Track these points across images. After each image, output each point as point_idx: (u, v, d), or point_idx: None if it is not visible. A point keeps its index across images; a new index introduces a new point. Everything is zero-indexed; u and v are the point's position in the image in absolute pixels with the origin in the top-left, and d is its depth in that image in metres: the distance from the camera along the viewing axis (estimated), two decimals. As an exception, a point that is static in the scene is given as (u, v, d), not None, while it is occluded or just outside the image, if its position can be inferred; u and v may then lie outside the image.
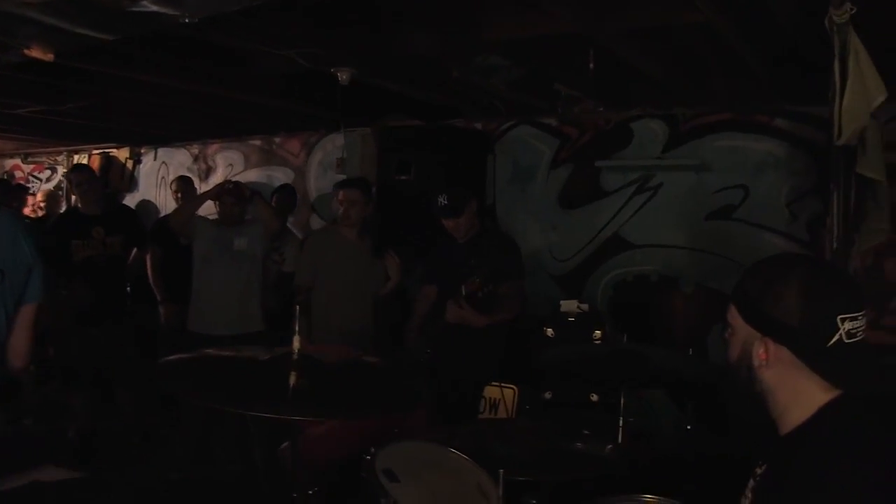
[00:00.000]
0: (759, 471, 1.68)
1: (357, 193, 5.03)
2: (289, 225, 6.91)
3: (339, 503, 2.82)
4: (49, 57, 3.13)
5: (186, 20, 2.69)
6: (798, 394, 1.57)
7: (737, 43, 3.83)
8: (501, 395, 5.15)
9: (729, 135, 5.21)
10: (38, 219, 7.47)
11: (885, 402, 1.61)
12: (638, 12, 3.55)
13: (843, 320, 1.48)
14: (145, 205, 8.06)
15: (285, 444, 2.94)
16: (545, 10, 3.51)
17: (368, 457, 2.61)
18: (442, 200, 4.35)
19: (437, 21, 4.06)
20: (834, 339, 1.48)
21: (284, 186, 6.70)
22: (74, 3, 2.57)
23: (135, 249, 5.87)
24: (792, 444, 1.57)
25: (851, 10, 2.66)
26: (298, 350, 2.27)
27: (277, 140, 7.40)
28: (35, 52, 3.04)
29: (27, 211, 7.40)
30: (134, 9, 2.55)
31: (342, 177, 6.62)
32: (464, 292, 4.07)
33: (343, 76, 4.54)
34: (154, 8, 2.51)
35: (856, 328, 1.49)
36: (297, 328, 2.29)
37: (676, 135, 5.40)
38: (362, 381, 2.45)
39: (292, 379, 2.22)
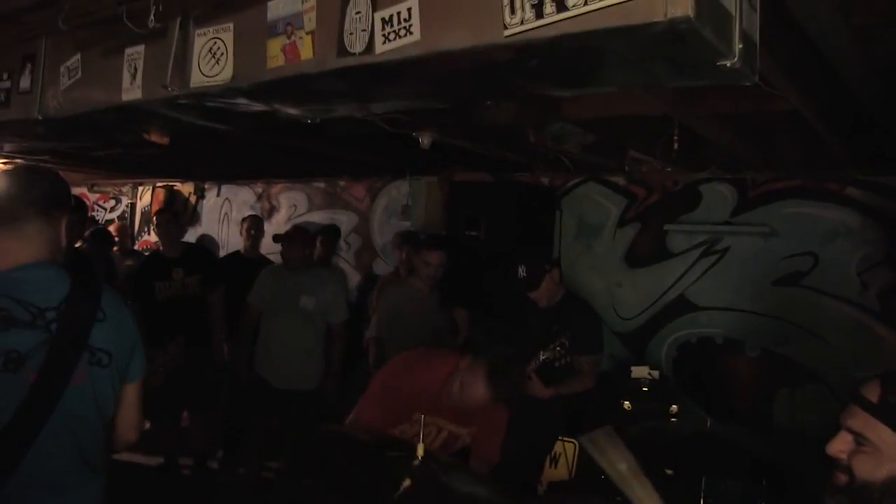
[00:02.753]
0: None
1: (444, 256, 5.16)
2: (344, 265, 7.10)
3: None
4: (165, 141, 3.27)
5: (308, 120, 2.79)
6: None
7: (816, 123, 3.89)
8: (563, 449, 5.23)
9: (799, 201, 5.24)
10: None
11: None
12: (730, 101, 3.62)
13: None
14: (207, 239, 8.24)
15: None
16: (637, 96, 3.58)
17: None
18: (521, 272, 4.41)
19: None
20: None
21: (330, 226, 6.91)
22: (208, 104, 2.66)
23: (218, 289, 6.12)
24: None
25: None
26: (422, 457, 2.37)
27: (342, 183, 7.52)
28: (153, 137, 3.19)
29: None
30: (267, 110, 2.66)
31: (406, 223, 6.76)
32: (541, 358, 4.11)
33: (425, 140, 4.65)
34: (290, 112, 2.62)
35: None
36: (421, 436, 2.39)
37: (745, 199, 5.44)
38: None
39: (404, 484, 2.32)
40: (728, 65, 1.68)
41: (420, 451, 2.39)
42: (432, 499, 2.36)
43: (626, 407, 4.55)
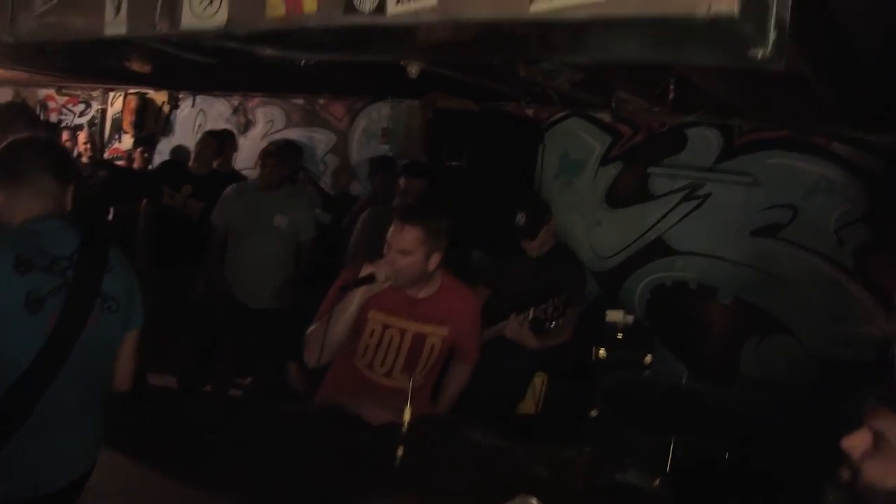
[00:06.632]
0: None
1: (423, 185, 5.11)
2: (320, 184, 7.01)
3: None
4: (146, 69, 3.12)
5: (302, 63, 2.68)
6: None
7: (815, 81, 3.81)
8: (531, 382, 5.27)
9: (783, 153, 5.19)
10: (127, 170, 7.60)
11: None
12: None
13: None
14: (180, 150, 8.02)
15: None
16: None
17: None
18: (519, 220, 4.35)
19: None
20: None
21: (289, 143, 6.82)
22: (192, 40, 2.53)
23: None
24: None
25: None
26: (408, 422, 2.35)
27: (321, 101, 7.32)
28: (134, 66, 3.04)
29: (80, 148, 7.34)
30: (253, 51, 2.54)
31: (385, 147, 6.63)
32: (531, 316, 3.98)
33: (412, 69, 4.50)
34: (278, 55, 2.50)
35: None
36: (409, 399, 2.36)
37: (731, 146, 5.38)
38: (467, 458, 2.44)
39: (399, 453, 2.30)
40: (759, 55, 1.60)
41: (407, 416, 2.37)
42: (427, 459, 2.36)
43: (601, 355, 4.56)
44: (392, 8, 1.69)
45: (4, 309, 2.17)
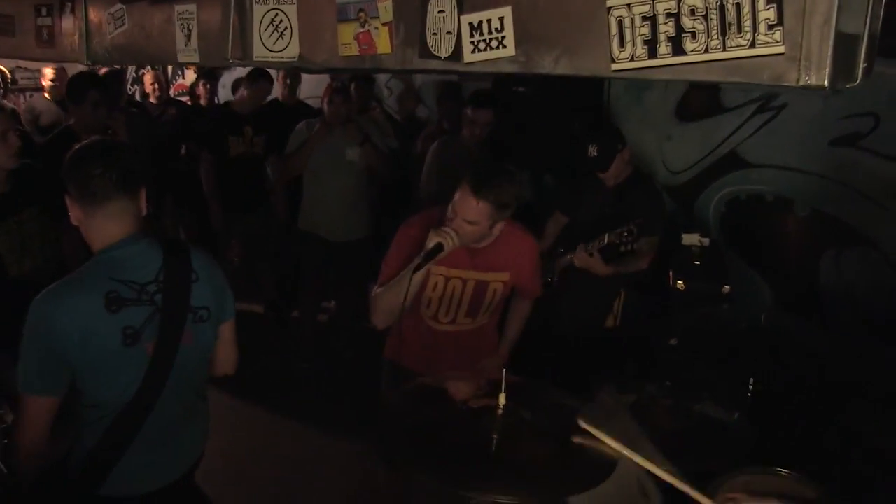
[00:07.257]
0: None
1: (490, 115, 5.07)
2: (387, 109, 6.99)
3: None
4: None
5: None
6: None
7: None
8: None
9: (863, 58, 4.95)
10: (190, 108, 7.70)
11: None
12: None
13: None
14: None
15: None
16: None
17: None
18: (591, 151, 4.28)
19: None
20: None
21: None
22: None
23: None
24: None
25: None
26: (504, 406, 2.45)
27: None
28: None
29: (147, 89, 7.38)
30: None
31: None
32: (605, 241, 4.04)
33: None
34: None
35: None
36: (503, 386, 2.44)
37: (806, 54, 5.14)
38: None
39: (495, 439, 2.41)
40: (847, 86, 1.56)
41: (502, 400, 2.47)
42: (523, 440, 2.45)
43: (679, 287, 4.55)
44: (468, 55, 1.67)
45: (105, 350, 2.23)
